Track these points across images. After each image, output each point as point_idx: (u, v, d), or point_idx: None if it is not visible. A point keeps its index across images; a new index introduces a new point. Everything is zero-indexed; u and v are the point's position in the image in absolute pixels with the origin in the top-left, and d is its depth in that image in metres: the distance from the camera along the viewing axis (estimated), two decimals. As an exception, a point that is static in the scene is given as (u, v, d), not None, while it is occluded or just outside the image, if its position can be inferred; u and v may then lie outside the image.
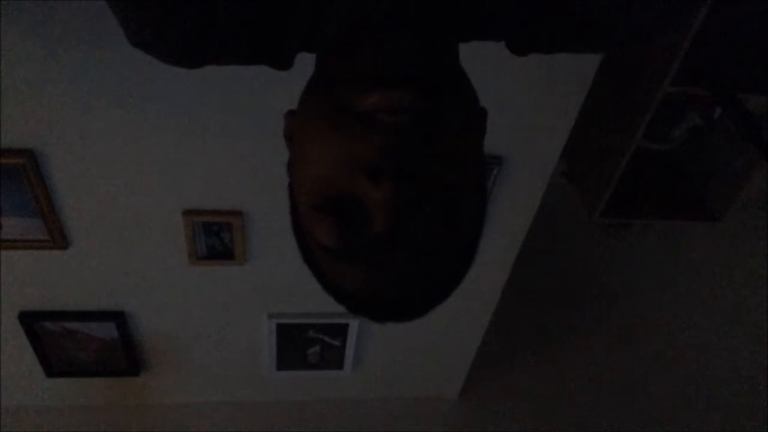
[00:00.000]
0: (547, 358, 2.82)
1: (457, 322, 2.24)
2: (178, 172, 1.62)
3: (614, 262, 3.19)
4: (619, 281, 3.12)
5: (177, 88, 1.44)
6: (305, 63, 0.60)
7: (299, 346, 2.17)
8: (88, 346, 2.09)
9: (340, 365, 2.27)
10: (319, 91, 0.51)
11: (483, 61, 1.45)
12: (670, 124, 2.61)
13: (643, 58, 2.39)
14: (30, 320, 1.96)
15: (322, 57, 0.57)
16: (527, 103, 1.58)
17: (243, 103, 1.50)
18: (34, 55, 1.34)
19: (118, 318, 1.99)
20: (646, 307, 3.06)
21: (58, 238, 1.71)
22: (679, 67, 2.21)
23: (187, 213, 1.70)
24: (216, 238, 1.77)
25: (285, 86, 0.81)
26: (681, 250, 3.27)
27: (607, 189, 2.79)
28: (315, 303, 2.03)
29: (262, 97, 1.44)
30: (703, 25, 2.05)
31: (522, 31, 0.60)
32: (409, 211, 0.48)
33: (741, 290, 3.16)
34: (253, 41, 0.57)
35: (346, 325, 2.09)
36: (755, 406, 2.71)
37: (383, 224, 0.48)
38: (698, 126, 2.63)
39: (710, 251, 3.27)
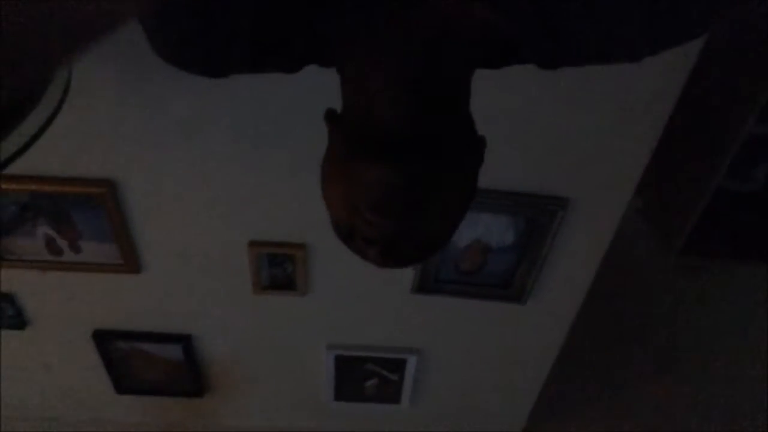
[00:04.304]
0: (613, 398, 2.71)
1: (521, 361, 2.19)
2: (245, 204, 1.67)
3: (689, 305, 3.03)
4: (693, 326, 2.96)
5: (247, 122, 1.49)
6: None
7: (357, 378, 2.17)
8: (156, 367, 2.16)
9: (397, 399, 2.25)
10: (336, 161, 0.61)
11: (550, 97, 1.44)
12: (753, 164, 2.48)
13: (726, 94, 2.29)
14: (103, 339, 2.05)
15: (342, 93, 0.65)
16: (597, 141, 1.53)
17: (309, 138, 1.52)
18: (112, 89, 1.42)
19: (185, 341, 2.06)
20: (720, 356, 2.89)
21: (131, 263, 1.79)
22: (764, 105, 2.11)
23: (253, 244, 1.74)
24: (279, 268, 1.80)
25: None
26: (762, 296, 3.08)
27: (685, 228, 2.68)
28: (373, 336, 2.04)
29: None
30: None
31: (546, 49, 0.62)
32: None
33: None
34: (260, 47, 0.62)
35: (404, 361, 2.08)
36: None
37: (375, 261, 0.63)
38: (785, 167, 2.49)
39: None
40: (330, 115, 0.65)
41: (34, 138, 1.16)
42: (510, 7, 0.58)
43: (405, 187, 0.55)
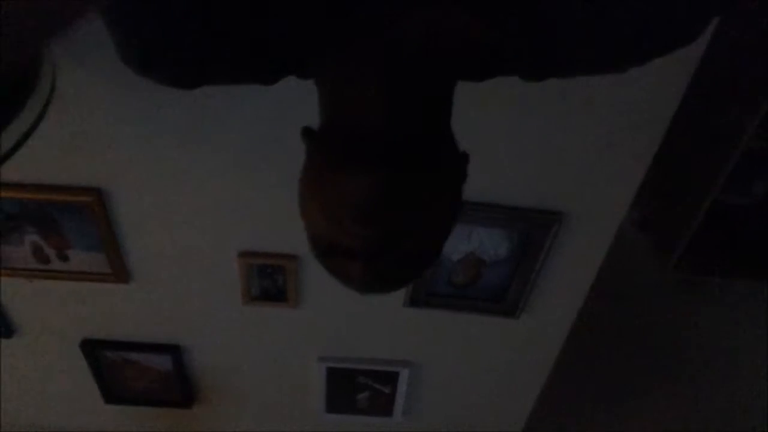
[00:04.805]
0: (610, 413, 2.69)
1: (514, 376, 2.16)
2: (236, 214, 1.65)
3: (686, 320, 3.00)
4: (690, 341, 2.93)
5: (238, 131, 1.47)
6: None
7: (349, 390, 2.14)
8: (145, 376, 2.13)
9: (389, 412, 2.22)
10: (316, 172, 0.61)
11: (543, 109, 1.42)
12: (752, 178, 2.46)
13: (725, 107, 2.28)
14: (92, 348, 2.02)
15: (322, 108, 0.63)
16: (592, 154, 1.51)
17: (301, 148, 1.50)
18: (102, 97, 1.39)
19: (174, 351, 2.03)
20: (717, 369, 2.86)
21: (120, 272, 1.76)
22: (761, 119, 2.09)
23: (243, 254, 1.72)
24: (269, 280, 1.77)
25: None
26: (761, 312, 3.05)
27: (683, 242, 2.64)
28: (366, 349, 2.01)
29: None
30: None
31: (532, 60, 0.62)
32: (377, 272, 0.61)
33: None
34: (238, 61, 0.61)
35: (397, 374, 2.05)
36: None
37: (357, 279, 0.61)
38: (783, 181, 2.47)
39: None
40: (307, 132, 0.63)
41: (24, 138, 1.14)
42: (495, 16, 0.56)
43: (387, 191, 0.54)
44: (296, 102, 1.25)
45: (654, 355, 2.86)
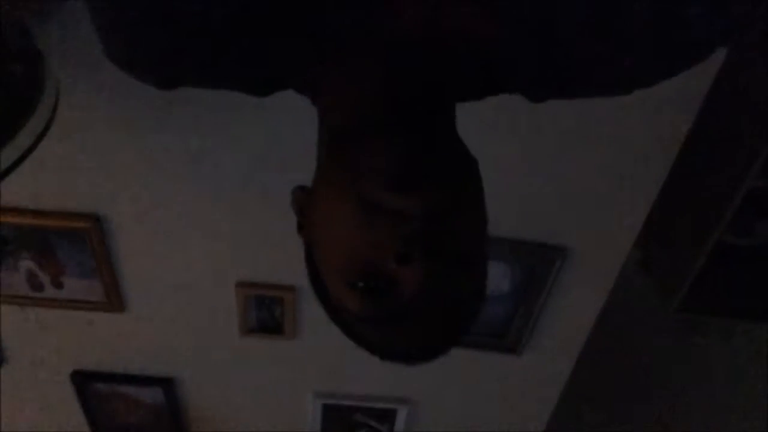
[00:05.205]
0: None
1: (515, 415, 2.10)
2: (234, 243, 1.63)
3: (688, 360, 2.95)
4: (691, 381, 2.88)
5: (236, 160, 1.46)
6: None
7: (345, 428, 2.08)
8: (136, 411, 2.08)
9: (386, 452, 2.16)
10: (335, 173, 0.55)
11: (548, 144, 1.41)
12: (756, 219, 2.45)
13: (729, 145, 2.28)
14: (82, 380, 1.97)
15: (324, 123, 0.60)
16: (597, 189, 1.50)
17: (302, 178, 1.49)
18: (102, 124, 1.39)
19: (167, 384, 1.98)
20: (718, 413, 2.80)
21: (115, 300, 1.73)
22: (765, 159, 2.09)
23: (241, 285, 1.69)
24: (267, 311, 1.74)
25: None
26: (762, 354, 3.00)
27: (685, 282, 2.62)
28: (362, 385, 1.96)
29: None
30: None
31: (535, 80, 0.60)
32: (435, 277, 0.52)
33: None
34: (225, 67, 0.58)
35: (394, 411, 2.00)
36: None
37: (414, 294, 0.52)
38: (787, 222, 2.45)
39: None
40: (299, 189, 0.63)
41: (21, 158, 1.13)
42: (512, 23, 0.55)
43: (411, 152, 0.51)
44: (296, 135, 1.24)
45: (656, 395, 2.81)
